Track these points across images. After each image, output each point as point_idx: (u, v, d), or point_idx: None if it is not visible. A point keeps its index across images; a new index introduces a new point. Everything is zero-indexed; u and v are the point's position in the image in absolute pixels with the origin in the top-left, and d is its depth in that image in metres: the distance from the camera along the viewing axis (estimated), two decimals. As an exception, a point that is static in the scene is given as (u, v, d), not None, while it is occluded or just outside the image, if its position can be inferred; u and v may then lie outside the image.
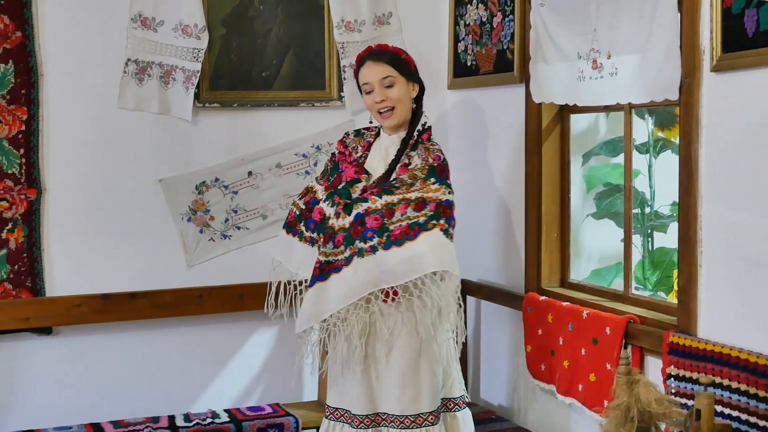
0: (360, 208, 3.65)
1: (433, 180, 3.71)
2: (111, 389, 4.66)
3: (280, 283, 3.95)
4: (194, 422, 4.38)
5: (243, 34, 4.81)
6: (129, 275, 4.65)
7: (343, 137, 4.01)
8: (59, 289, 4.53)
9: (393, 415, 3.71)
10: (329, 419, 3.85)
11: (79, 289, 4.54)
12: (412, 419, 3.70)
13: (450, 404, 3.88)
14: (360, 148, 3.92)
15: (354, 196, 3.71)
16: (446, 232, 3.66)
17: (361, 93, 3.90)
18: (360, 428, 3.74)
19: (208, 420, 4.41)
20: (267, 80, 4.87)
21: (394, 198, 3.65)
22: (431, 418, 3.73)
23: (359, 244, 3.61)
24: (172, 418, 4.44)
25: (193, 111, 4.69)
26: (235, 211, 4.85)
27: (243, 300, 4.78)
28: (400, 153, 3.81)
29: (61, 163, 4.52)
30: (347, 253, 3.62)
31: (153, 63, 4.62)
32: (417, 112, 3.88)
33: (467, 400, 3.96)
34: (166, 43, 4.62)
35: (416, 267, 3.57)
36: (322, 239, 3.72)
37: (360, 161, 3.88)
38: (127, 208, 4.65)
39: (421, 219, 3.62)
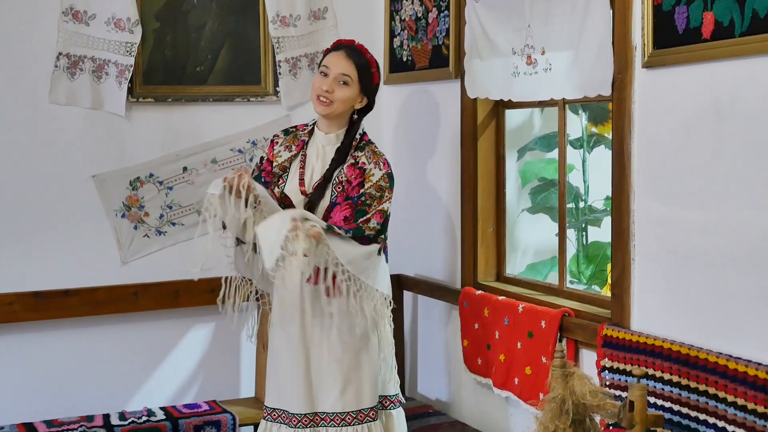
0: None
1: (393, 187, 3.79)
2: (44, 388, 4.60)
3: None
4: (129, 420, 4.34)
5: (177, 28, 4.77)
6: (62, 272, 4.58)
7: (274, 138, 3.94)
8: (-10, 287, 4.46)
9: (334, 413, 3.71)
10: (267, 420, 3.82)
11: (10, 286, 4.47)
12: (354, 415, 3.70)
13: (386, 402, 3.88)
14: (294, 147, 3.87)
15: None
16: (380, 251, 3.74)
17: (317, 69, 3.87)
18: (298, 428, 3.72)
19: (144, 418, 4.37)
20: (201, 75, 4.83)
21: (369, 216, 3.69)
22: (372, 414, 3.74)
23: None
24: (107, 417, 4.40)
25: (127, 106, 4.63)
26: (170, 207, 4.81)
27: (178, 297, 4.75)
28: (344, 153, 3.80)
29: (-9, 159, 4.45)
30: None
31: (85, 57, 4.56)
32: (355, 122, 3.84)
33: (401, 399, 3.97)
34: (99, 37, 4.56)
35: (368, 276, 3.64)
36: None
37: (297, 160, 3.84)
38: (60, 204, 4.58)
39: (372, 236, 3.66)
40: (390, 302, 3.80)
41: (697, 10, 3.11)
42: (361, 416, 3.72)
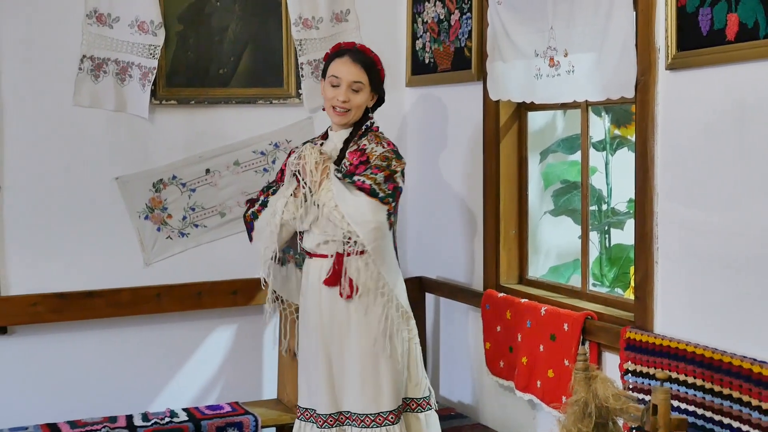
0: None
1: (402, 161, 3.77)
2: (68, 389, 4.62)
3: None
4: (152, 422, 4.36)
5: (200, 30, 4.79)
6: (86, 274, 4.61)
7: (293, 150, 3.94)
8: (15, 288, 4.48)
9: (355, 413, 3.72)
10: (300, 419, 3.87)
11: (35, 288, 4.50)
12: (373, 418, 3.71)
13: (413, 404, 3.88)
14: None
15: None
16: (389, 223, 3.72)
17: (323, 78, 3.86)
18: (324, 428, 3.75)
19: (167, 419, 4.38)
20: (224, 77, 4.84)
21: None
22: (392, 417, 3.73)
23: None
24: (130, 418, 4.42)
25: (150, 108, 4.65)
26: (193, 209, 4.82)
27: (201, 298, 4.76)
28: (348, 140, 3.82)
29: (16, 160, 4.47)
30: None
31: (109, 60, 4.58)
32: (366, 116, 3.87)
33: (433, 403, 3.94)
34: (122, 39, 4.59)
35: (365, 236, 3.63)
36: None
37: None
38: (84, 206, 4.61)
39: (371, 186, 3.64)
40: (407, 313, 3.83)
41: (721, 11, 3.10)
42: (379, 419, 3.72)
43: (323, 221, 3.68)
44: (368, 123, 3.86)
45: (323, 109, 3.93)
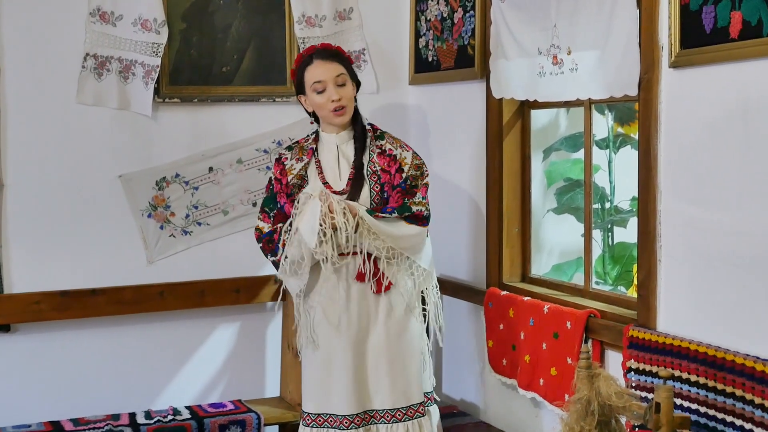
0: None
1: (426, 167, 3.88)
2: (71, 387, 4.63)
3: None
4: (155, 419, 4.36)
5: (203, 28, 4.79)
6: (89, 272, 4.61)
7: (280, 158, 3.88)
8: (17, 286, 4.49)
9: (384, 409, 3.72)
10: (311, 426, 3.77)
11: (37, 286, 4.50)
12: (404, 411, 3.72)
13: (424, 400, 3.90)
14: (305, 156, 3.84)
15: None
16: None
17: (303, 93, 3.82)
18: (351, 429, 3.71)
19: (170, 417, 4.39)
20: (227, 75, 4.84)
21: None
22: (422, 409, 3.77)
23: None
24: (133, 416, 4.42)
25: (153, 106, 4.65)
26: (196, 207, 4.82)
27: (204, 296, 4.76)
28: (363, 140, 3.81)
29: (19, 158, 4.47)
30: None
31: (112, 58, 4.58)
32: (356, 110, 3.87)
33: (436, 397, 4.01)
34: (125, 37, 4.59)
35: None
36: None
37: (313, 167, 3.83)
38: (87, 204, 4.61)
39: (426, 212, 3.79)
40: (432, 275, 3.93)
41: (724, 9, 3.09)
42: (411, 412, 3.75)
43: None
44: (367, 120, 3.88)
45: (311, 122, 3.93)
